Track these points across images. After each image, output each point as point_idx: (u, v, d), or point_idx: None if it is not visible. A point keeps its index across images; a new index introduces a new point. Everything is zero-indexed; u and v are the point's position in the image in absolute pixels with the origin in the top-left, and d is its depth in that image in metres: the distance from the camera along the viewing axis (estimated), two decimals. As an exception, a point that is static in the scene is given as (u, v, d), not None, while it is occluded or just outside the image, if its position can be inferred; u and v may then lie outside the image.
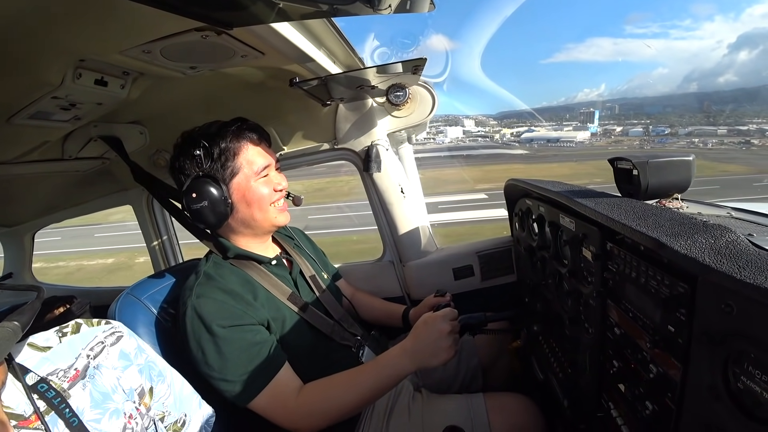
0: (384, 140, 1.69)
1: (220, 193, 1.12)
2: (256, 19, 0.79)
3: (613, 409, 0.92)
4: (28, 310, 0.63)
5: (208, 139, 1.13)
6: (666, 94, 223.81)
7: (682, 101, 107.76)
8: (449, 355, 1.03)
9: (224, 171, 1.14)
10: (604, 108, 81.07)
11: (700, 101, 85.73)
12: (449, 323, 1.05)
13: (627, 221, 0.76)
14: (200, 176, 1.12)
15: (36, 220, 2.19)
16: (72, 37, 0.80)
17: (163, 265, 2.04)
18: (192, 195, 1.10)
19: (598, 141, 44.76)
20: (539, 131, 50.88)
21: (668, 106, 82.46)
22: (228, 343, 1.02)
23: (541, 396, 1.39)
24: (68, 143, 1.43)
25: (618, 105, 79.46)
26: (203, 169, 1.13)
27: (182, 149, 1.16)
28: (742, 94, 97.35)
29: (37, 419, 0.61)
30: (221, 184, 1.13)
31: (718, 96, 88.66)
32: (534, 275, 1.45)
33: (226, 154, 1.14)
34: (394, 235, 1.79)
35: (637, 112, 74.81)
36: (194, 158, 1.13)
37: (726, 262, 0.54)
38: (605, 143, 43.02)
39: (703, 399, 0.61)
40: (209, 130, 1.16)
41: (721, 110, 70.94)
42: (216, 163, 1.13)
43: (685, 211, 1.00)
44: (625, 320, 0.84)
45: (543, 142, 41.92)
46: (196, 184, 1.11)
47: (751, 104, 74.50)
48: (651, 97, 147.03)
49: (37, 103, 1.00)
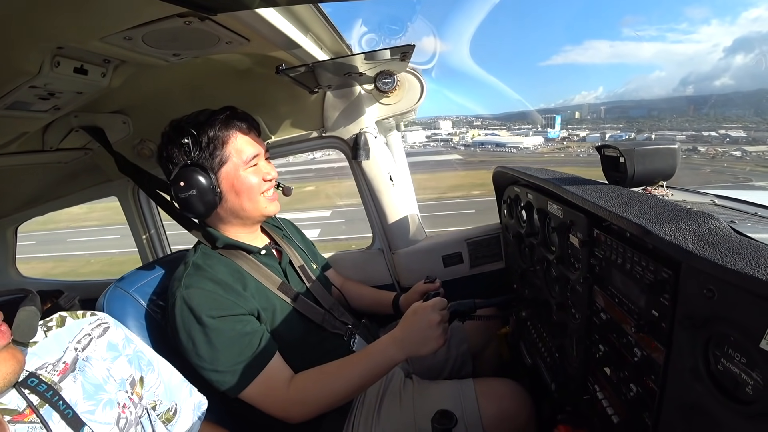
0: (372, 128, 1.67)
1: (209, 182, 1.11)
2: (240, 4, 0.77)
3: (599, 391, 0.95)
4: (34, 298, 0.66)
5: (197, 127, 1.12)
6: (661, 98, 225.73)
7: (672, 104, 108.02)
8: (438, 344, 1.04)
9: (213, 160, 1.12)
10: (590, 111, 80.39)
11: (691, 104, 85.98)
12: (439, 313, 1.06)
13: (613, 208, 0.77)
14: (188, 165, 1.11)
15: (18, 214, 2.14)
16: (49, 23, 0.77)
17: (151, 256, 2.02)
18: (180, 184, 1.09)
19: (546, 147, 43.96)
20: (500, 135, 50.02)
21: (654, 110, 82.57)
22: (218, 333, 1.02)
23: (529, 380, 1.42)
24: (48, 134, 1.39)
25: (603, 108, 79.03)
26: (191, 158, 1.12)
27: (170, 138, 1.14)
28: (735, 97, 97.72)
29: (32, 413, 0.61)
30: (210, 172, 1.11)
31: (710, 99, 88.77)
32: (522, 262, 1.47)
33: (215, 143, 1.12)
34: (383, 223, 1.79)
35: (620, 116, 74.70)
36: (182, 147, 1.12)
37: (708, 249, 0.56)
38: (549, 149, 42.57)
39: (685, 381, 0.63)
40: (198, 118, 1.14)
41: (706, 114, 71.19)
42: (204, 152, 1.12)
43: (670, 198, 1.01)
44: (611, 305, 0.86)
45: (492, 147, 41.36)
46: (184, 172, 1.10)
47: (739, 108, 74.89)
48: (642, 100, 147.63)
49: (14, 93, 0.97)
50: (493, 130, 56.02)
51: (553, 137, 51.25)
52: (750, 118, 67.74)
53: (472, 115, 69.63)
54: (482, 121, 63.62)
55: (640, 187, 1.07)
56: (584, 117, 73.97)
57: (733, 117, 68.42)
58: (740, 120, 65.56)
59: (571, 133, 53.74)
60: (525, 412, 1.18)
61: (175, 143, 1.13)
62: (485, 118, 66.00)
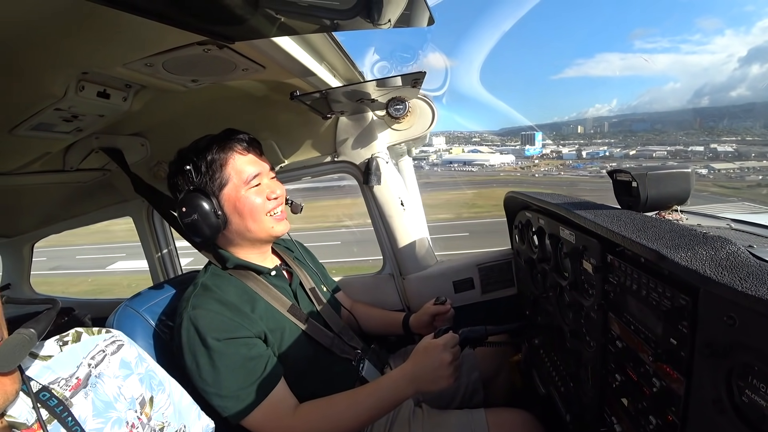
0: (384, 153, 1.69)
1: (211, 206, 1.12)
2: (257, 33, 0.80)
3: (616, 423, 0.91)
4: (44, 318, 0.62)
5: (197, 153, 1.14)
6: (671, 110, 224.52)
7: (680, 117, 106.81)
8: (449, 383, 1.03)
9: (213, 183, 1.14)
10: (594, 126, 79.32)
11: (698, 117, 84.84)
12: (450, 352, 1.04)
13: (627, 233, 0.76)
14: (191, 191, 1.13)
15: (36, 231, 2.19)
16: (76, 49, 0.81)
17: (162, 276, 2.04)
18: (183, 209, 1.11)
19: (511, 166, 42.60)
20: (482, 152, 48.52)
21: (658, 123, 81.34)
22: (222, 356, 1.01)
23: (542, 410, 1.37)
24: (69, 154, 1.44)
25: (607, 123, 77.95)
26: (194, 184, 1.14)
27: (176, 166, 1.17)
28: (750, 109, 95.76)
29: (40, 428, 0.61)
30: (211, 196, 1.13)
31: (723, 111, 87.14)
32: (534, 288, 1.44)
33: (213, 167, 1.14)
34: (393, 248, 1.79)
35: (622, 130, 73.56)
36: (185, 174, 1.14)
37: (727, 274, 0.54)
38: (512, 168, 41.57)
39: (707, 413, 0.60)
40: (199, 144, 1.16)
41: (711, 127, 69.76)
42: (205, 177, 1.13)
43: (684, 222, 1.00)
44: (627, 333, 0.83)
45: (459, 165, 40.30)
46: (186, 198, 1.12)
47: (750, 120, 73.32)
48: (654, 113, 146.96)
49: (39, 115, 1.01)
50: (486, 145, 54.66)
51: (532, 154, 50.31)
52: (757, 131, 65.78)
53: (468, 131, 68.68)
54: (480, 135, 62.58)
55: (653, 212, 1.05)
56: (587, 131, 73.05)
57: (739, 130, 66.49)
58: (746, 133, 63.53)
59: (554, 150, 52.51)
60: (538, 444, 1.14)
61: (180, 171, 1.15)
62: (483, 133, 64.91)
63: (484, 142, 57.51)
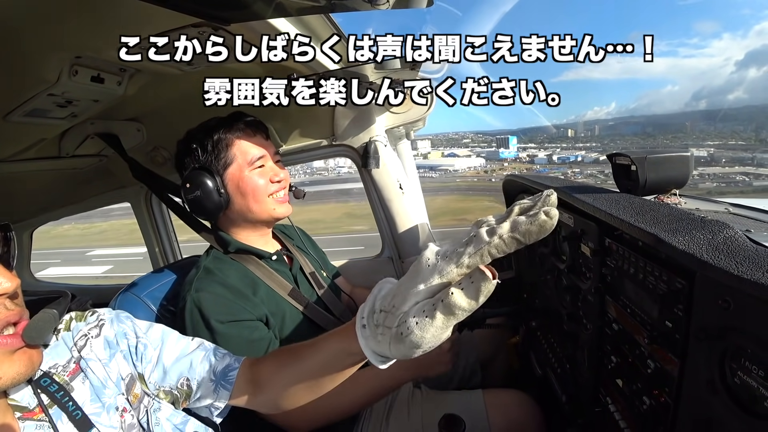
0: (382, 136, 1.68)
1: (214, 184, 1.13)
2: (253, 14, 0.78)
3: (611, 404, 0.93)
4: (62, 302, 0.66)
5: (205, 132, 1.16)
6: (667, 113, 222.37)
7: (673, 120, 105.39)
8: (447, 369, 1.07)
9: (218, 162, 1.15)
10: (585, 129, 78.28)
11: (689, 120, 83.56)
12: (448, 339, 1.05)
13: (625, 217, 0.76)
14: (196, 168, 1.14)
15: (33, 218, 2.18)
16: (68, 33, 0.80)
17: (162, 262, 2.04)
18: (187, 185, 1.13)
19: (472, 171, 42.21)
20: (458, 155, 48.18)
21: (649, 126, 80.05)
22: (225, 339, 1.02)
23: (539, 391, 1.39)
24: (65, 141, 1.42)
25: (598, 126, 76.61)
26: (199, 162, 1.15)
27: (184, 145, 1.19)
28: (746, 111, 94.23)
29: (41, 411, 0.62)
30: (215, 175, 1.14)
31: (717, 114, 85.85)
32: (532, 271, 1.46)
33: (220, 146, 1.15)
34: (392, 231, 1.79)
35: (613, 132, 72.39)
36: (192, 152, 1.16)
37: (724, 258, 0.55)
38: (475, 173, 41.17)
39: (700, 394, 0.62)
40: (207, 124, 1.18)
41: (700, 131, 68.52)
42: (211, 155, 1.15)
43: (683, 206, 1.00)
44: (623, 316, 0.84)
45: (425, 170, 39.60)
46: (191, 175, 1.14)
47: (743, 123, 71.91)
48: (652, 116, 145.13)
49: (33, 101, 0.99)
50: (472, 149, 54.30)
51: (505, 157, 49.72)
52: (746, 134, 64.40)
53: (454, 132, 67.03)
54: (473, 137, 61.15)
55: (652, 196, 1.05)
56: (578, 135, 72.16)
57: (727, 133, 65.62)
58: (732, 136, 62.19)
59: (531, 153, 52.24)
60: (534, 424, 1.16)
61: (187, 150, 1.17)
62: (477, 134, 63.46)
63: (470, 145, 56.78)
